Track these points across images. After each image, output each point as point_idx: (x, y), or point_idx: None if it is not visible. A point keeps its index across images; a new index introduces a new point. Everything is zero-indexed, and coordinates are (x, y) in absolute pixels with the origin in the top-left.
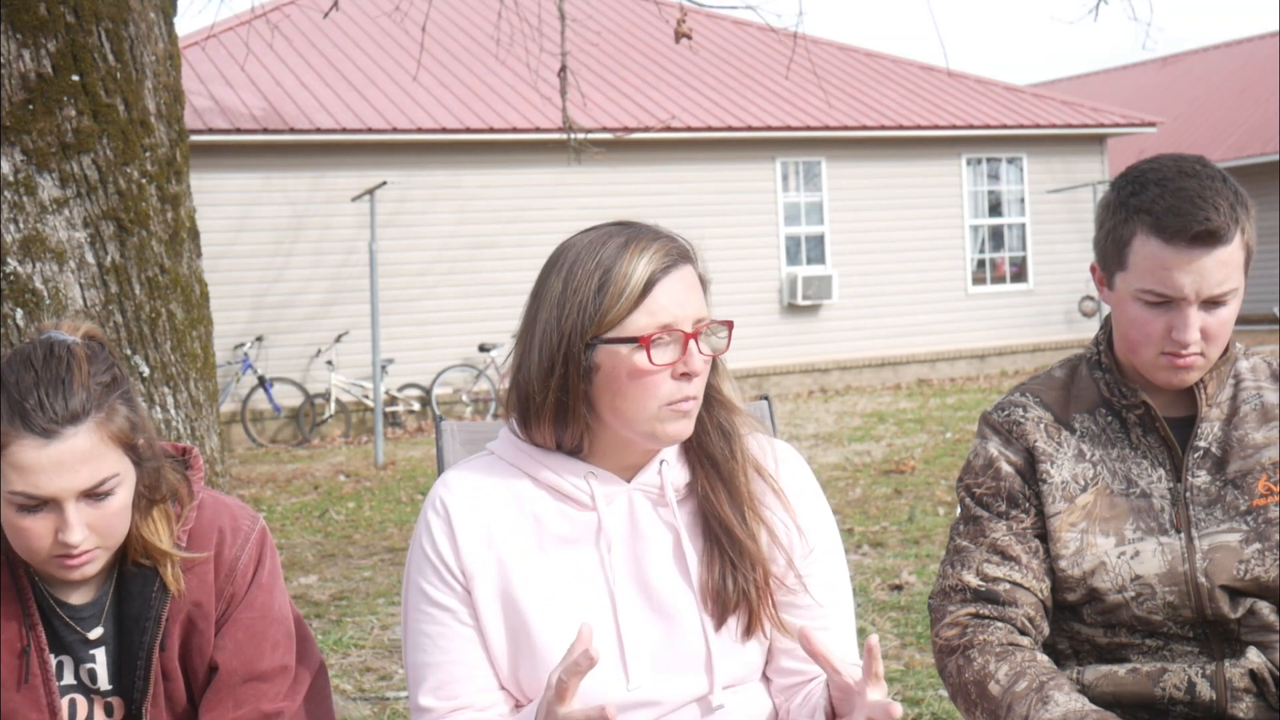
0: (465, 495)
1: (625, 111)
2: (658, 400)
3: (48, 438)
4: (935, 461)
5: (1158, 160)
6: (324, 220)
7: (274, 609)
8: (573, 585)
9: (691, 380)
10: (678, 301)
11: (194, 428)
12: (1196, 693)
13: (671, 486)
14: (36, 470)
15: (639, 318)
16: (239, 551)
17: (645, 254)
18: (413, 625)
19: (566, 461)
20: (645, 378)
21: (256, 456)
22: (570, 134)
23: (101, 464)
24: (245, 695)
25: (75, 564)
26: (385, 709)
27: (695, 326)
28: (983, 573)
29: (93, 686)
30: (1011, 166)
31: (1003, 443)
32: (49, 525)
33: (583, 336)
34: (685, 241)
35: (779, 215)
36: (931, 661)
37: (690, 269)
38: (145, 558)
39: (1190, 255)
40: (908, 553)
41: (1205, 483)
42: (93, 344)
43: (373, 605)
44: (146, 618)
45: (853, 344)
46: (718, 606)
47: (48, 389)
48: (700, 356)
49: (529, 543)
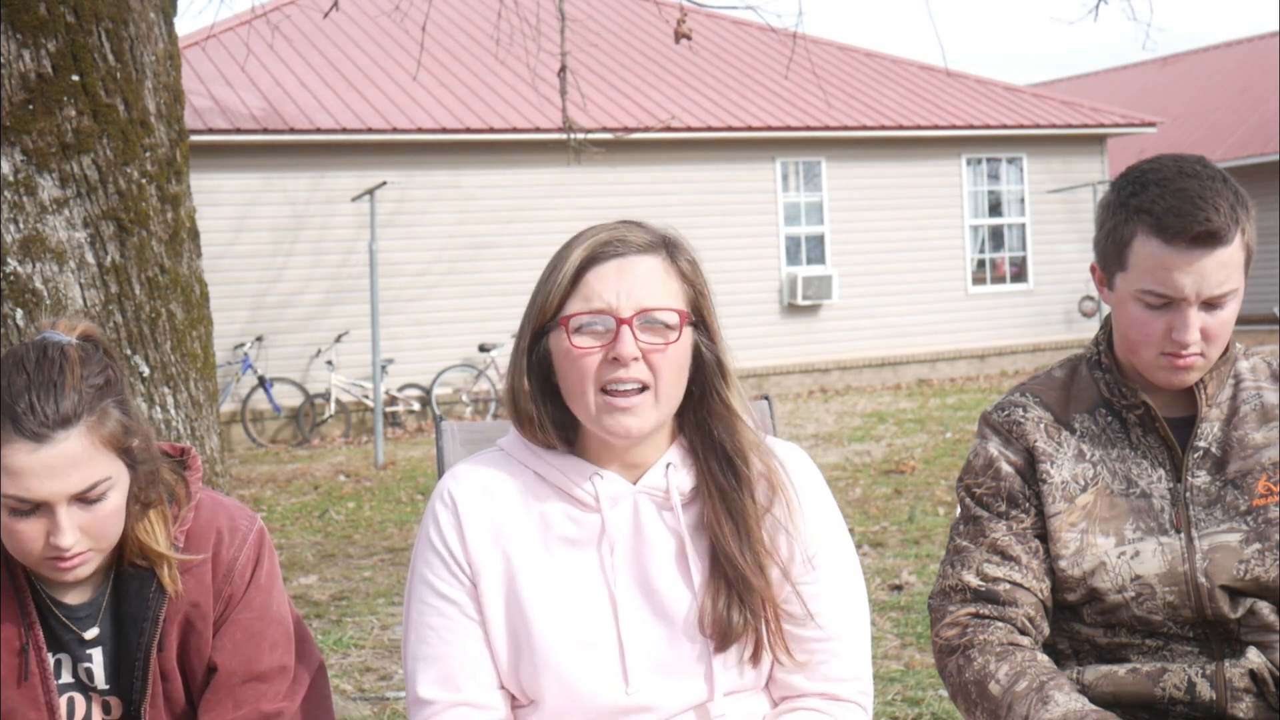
0: (474, 490)
1: (625, 111)
2: (592, 384)
3: (38, 441)
4: (935, 461)
5: (1158, 160)
6: (324, 220)
7: (272, 609)
8: (575, 586)
9: (627, 365)
10: (613, 288)
11: (194, 428)
12: (1196, 693)
13: (677, 490)
14: (27, 474)
15: (574, 303)
16: (237, 552)
17: (585, 242)
18: (416, 617)
19: (573, 462)
20: (576, 360)
21: (256, 456)
22: (570, 134)
23: (93, 468)
24: (245, 696)
25: (67, 566)
26: (385, 709)
27: (634, 313)
28: (983, 573)
29: (90, 685)
30: (1011, 166)
31: (1003, 443)
32: (41, 528)
33: (534, 325)
34: (663, 235)
35: (779, 215)
36: (931, 661)
37: (651, 259)
38: (142, 559)
39: (1190, 256)
40: (908, 553)
41: (1205, 483)
42: (87, 345)
43: (373, 605)
44: (144, 618)
45: (853, 344)
46: (721, 637)
47: (39, 392)
48: (632, 343)
49: (534, 541)
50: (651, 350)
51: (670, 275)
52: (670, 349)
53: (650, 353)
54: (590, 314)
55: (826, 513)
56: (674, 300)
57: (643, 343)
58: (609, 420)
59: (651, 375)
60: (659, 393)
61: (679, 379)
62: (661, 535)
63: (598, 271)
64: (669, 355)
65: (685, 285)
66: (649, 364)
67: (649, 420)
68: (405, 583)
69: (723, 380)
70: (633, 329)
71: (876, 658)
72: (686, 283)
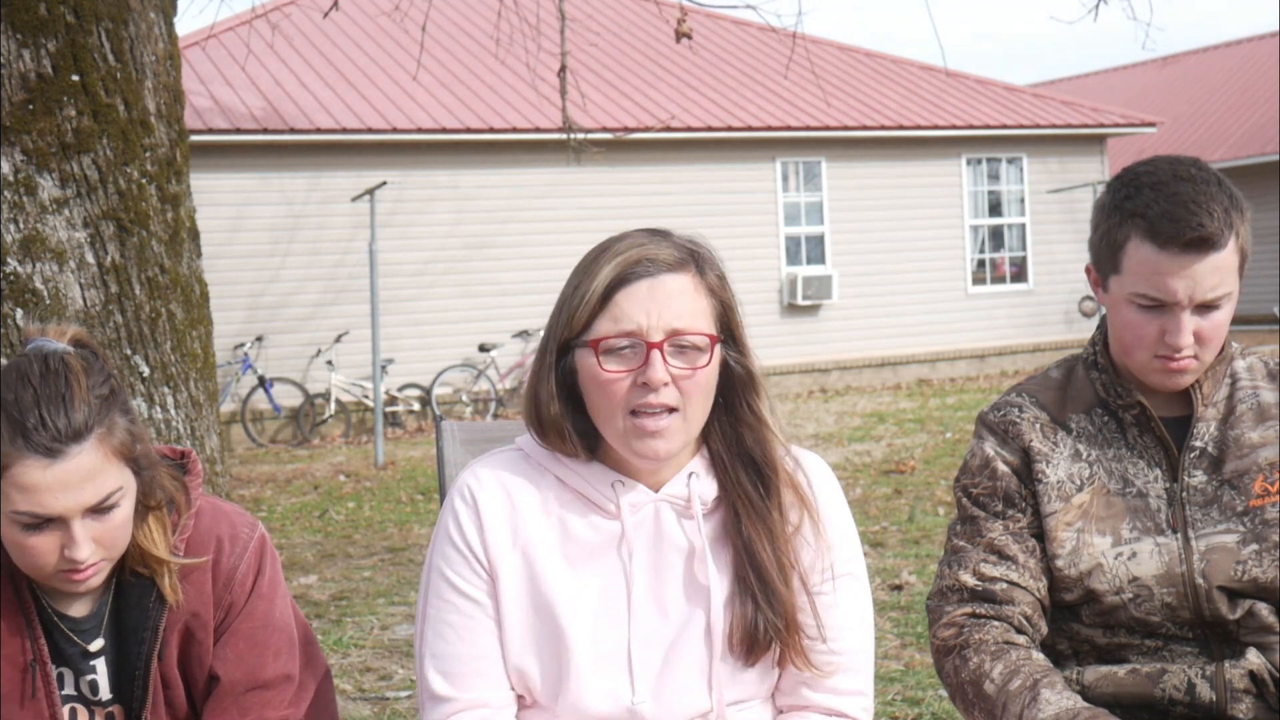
0: (494, 489)
1: (625, 111)
2: (620, 407)
3: (52, 457)
4: (935, 461)
5: (1153, 163)
6: (322, 220)
7: (275, 617)
8: (590, 589)
9: (657, 390)
10: (643, 309)
11: (194, 427)
12: (1196, 694)
13: (699, 499)
14: (42, 490)
15: (603, 323)
16: (237, 561)
17: (615, 259)
18: (433, 614)
19: (596, 469)
20: (605, 385)
21: (256, 456)
22: (570, 134)
23: (105, 479)
24: (249, 704)
25: (82, 577)
26: (385, 709)
27: (665, 336)
28: (979, 572)
29: (93, 698)
30: (1011, 166)
31: (999, 443)
32: (54, 542)
33: (560, 339)
34: (693, 250)
35: (779, 215)
36: (931, 661)
37: (680, 278)
38: (143, 566)
39: (1183, 261)
40: (907, 553)
41: (1202, 483)
42: (85, 352)
43: (373, 605)
44: (144, 628)
45: (853, 344)
46: (749, 650)
47: (48, 406)
48: (662, 368)
49: (553, 544)
50: (681, 376)
51: (700, 293)
52: (699, 374)
53: (680, 378)
54: (620, 335)
55: (846, 526)
56: (703, 320)
57: (673, 367)
58: (637, 444)
59: (681, 399)
60: (687, 415)
61: (706, 401)
62: (681, 544)
63: (628, 292)
64: (698, 380)
65: (714, 301)
66: (679, 388)
67: (676, 443)
68: (406, 582)
69: (754, 391)
70: (663, 353)
71: (877, 657)
72: (715, 298)
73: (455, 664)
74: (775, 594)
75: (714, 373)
